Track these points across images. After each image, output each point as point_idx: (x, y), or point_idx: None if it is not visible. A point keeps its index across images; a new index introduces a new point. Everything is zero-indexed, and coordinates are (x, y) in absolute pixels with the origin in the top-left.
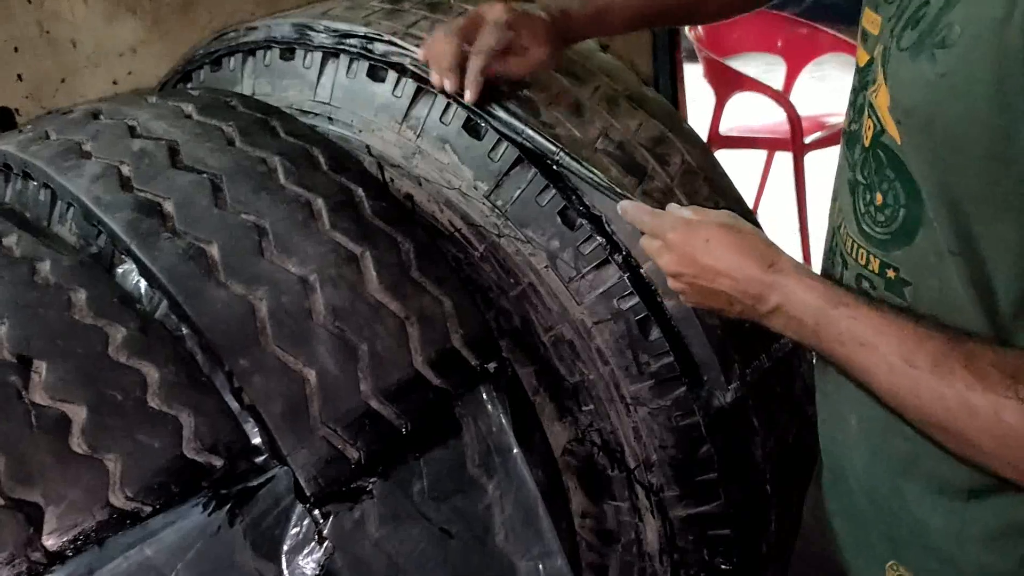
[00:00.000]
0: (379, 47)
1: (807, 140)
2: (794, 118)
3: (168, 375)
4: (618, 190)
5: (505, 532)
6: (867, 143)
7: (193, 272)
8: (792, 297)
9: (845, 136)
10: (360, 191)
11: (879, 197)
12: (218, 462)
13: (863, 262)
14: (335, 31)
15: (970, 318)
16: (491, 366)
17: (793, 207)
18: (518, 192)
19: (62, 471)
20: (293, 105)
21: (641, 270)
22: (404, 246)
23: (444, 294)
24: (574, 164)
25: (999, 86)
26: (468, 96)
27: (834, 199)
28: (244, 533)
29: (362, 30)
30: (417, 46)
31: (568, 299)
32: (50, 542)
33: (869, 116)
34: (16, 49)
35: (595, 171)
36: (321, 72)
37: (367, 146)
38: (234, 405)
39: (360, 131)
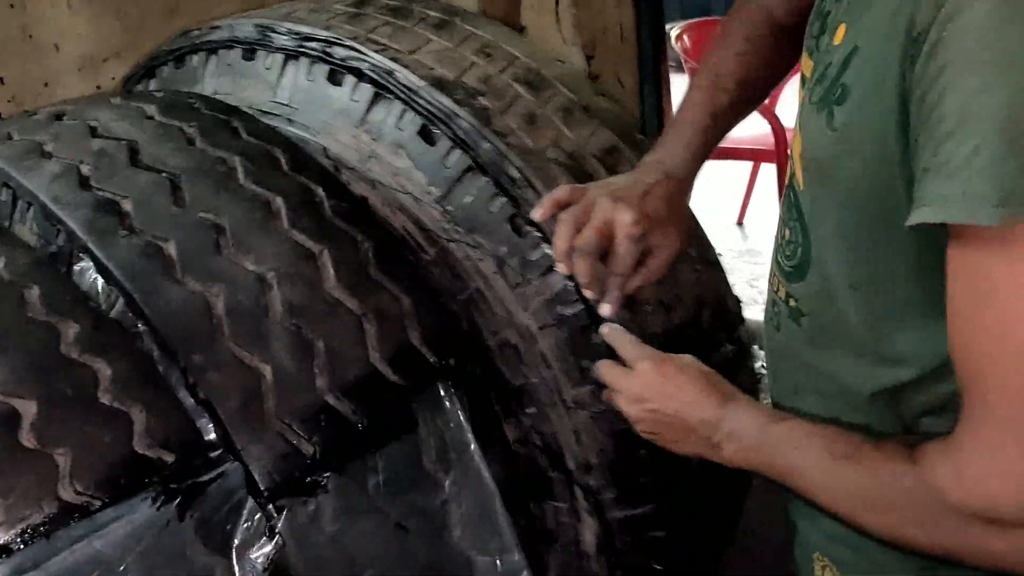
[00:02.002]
0: (339, 51)
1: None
2: (778, 130)
3: (120, 371)
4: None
5: (462, 527)
6: (787, 182)
7: (150, 269)
8: (741, 423)
9: (789, 167)
10: (320, 191)
11: (788, 232)
12: (169, 457)
13: (775, 289)
14: (296, 34)
15: (863, 349)
16: (449, 363)
17: (777, 218)
18: (468, 199)
19: (11, 465)
20: (253, 105)
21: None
22: (363, 245)
23: (403, 292)
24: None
25: (882, 141)
26: (606, 311)
27: (778, 225)
28: (194, 528)
29: (323, 34)
30: (377, 52)
31: (514, 304)
32: None
33: (792, 159)
34: None
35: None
36: (282, 74)
37: (324, 148)
38: (188, 401)
39: (318, 133)
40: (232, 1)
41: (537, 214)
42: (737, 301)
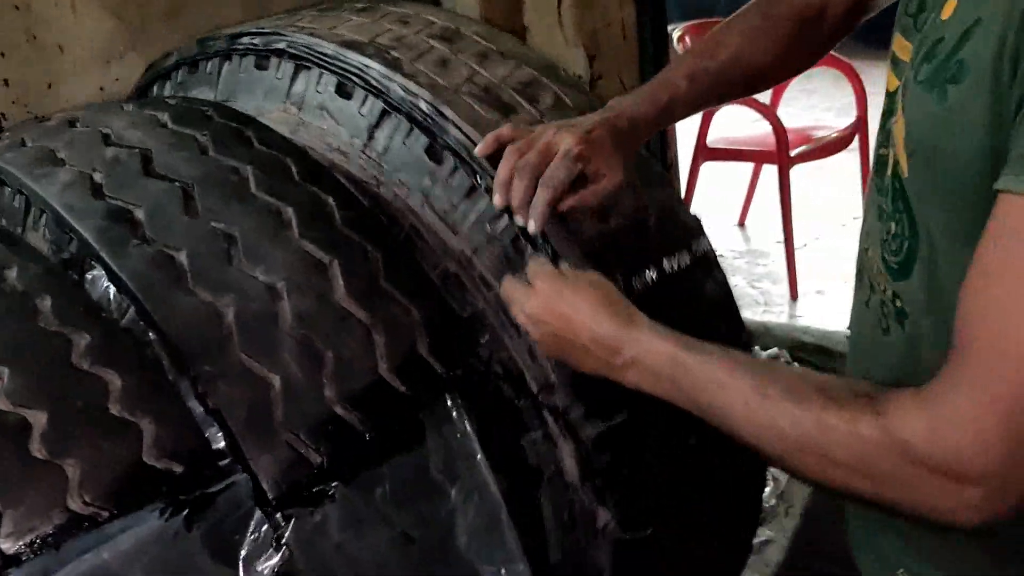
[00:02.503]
0: (260, 40)
1: (793, 153)
2: (780, 131)
3: (131, 382)
4: None
5: (468, 538)
6: (889, 171)
7: (161, 279)
8: (647, 350)
9: (875, 160)
10: (331, 201)
11: (893, 226)
12: (178, 468)
13: (882, 288)
14: (229, 35)
15: None
16: (457, 373)
17: (779, 219)
18: (387, 140)
19: (21, 475)
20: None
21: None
22: (373, 255)
23: (412, 303)
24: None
25: (995, 122)
26: (532, 228)
27: (864, 220)
28: (202, 539)
29: (252, 29)
30: (295, 32)
31: (446, 232)
32: (6, 545)
33: (892, 145)
34: (3, 54)
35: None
36: (219, 73)
37: None
38: (198, 411)
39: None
40: (235, 3)
41: (479, 150)
42: (696, 218)
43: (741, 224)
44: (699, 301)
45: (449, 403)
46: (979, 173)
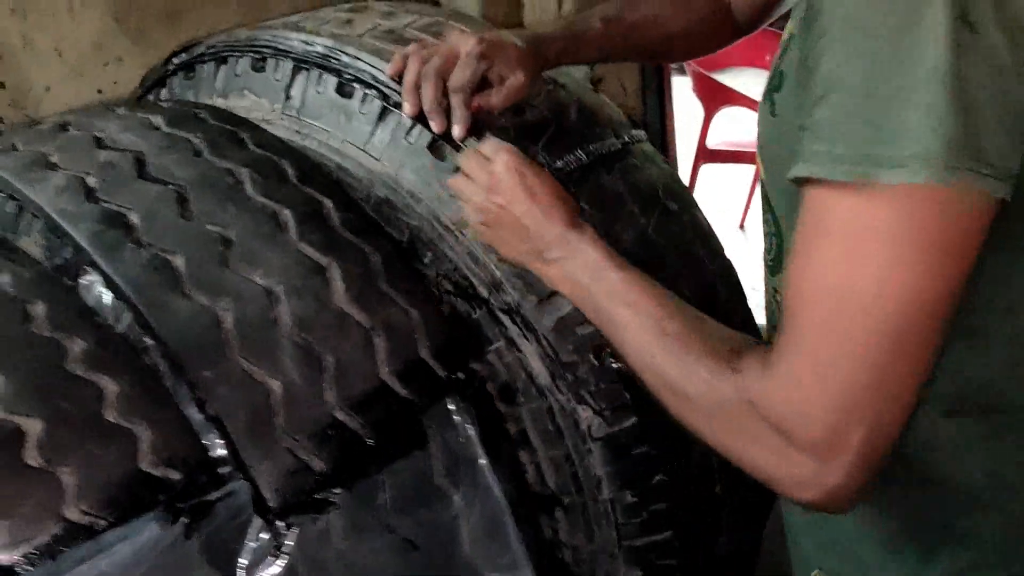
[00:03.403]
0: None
1: None
2: None
3: (126, 388)
4: None
5: (471, 543)
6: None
7: (157, 283)
8: (580, 252)
9: None
10: (328, 203)
11: (764, 227)
12: (176, 475)
13: (767, 285)
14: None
15: None
16: (458, 377)
17: None
18: (302, 94)
19: (15, 484)
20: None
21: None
22: (372, 258)
23: (412, 305)
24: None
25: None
26: (456, 132)
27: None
28: (201, 547)
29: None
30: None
31: (369, 160)
32: (2, 557)
33: None
34: (0, 57)
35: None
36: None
37: None
38: (196, 417)
39: None
40: (232, 6)
41: (389, 69)
42: (621, 112)
43: (741, 227)
44: (636, 187)
45: (451, 406)
46: None
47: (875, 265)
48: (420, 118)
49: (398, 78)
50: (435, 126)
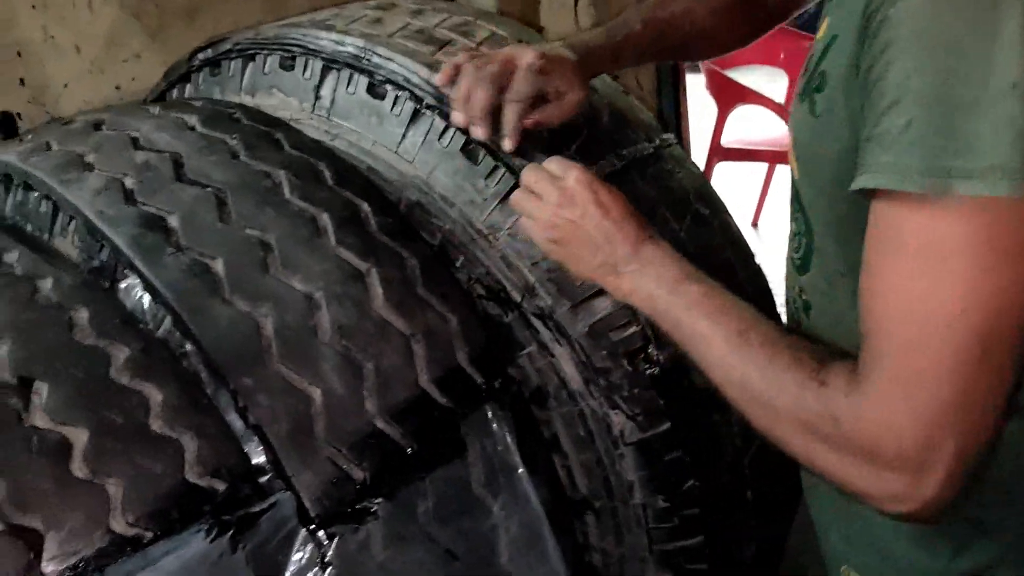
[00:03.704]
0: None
1: None
2: None
3: (170, 397)
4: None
5: (510, 553)
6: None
7: (198, 288)
8: (657, 264)
9: None
10: (365, 206)
11: (793, 225)
12: (220, 486)
13: (793, 285)
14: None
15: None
16: (496, 384)
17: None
18: (332, 94)
19: (62, 496)
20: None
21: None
22: (410, 262)
23: (449, 311)
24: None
25: (854, 123)
26: (507, 145)
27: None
28: (247, 559)
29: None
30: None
31: (401, 163)
32: (50, 569)
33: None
34: (19, 54)
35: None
36: (242, 74)
37: None
38: (237, 425)
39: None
40: (254, 3)
41: (439, 79)
42: (651, 115)
43: (755, 225)
44: (669, 192)
45: (490, 415)
46: (844, 172)
47: (956, 279)
48: (464, 130)
49: (447, 87)
50: (480, 133)
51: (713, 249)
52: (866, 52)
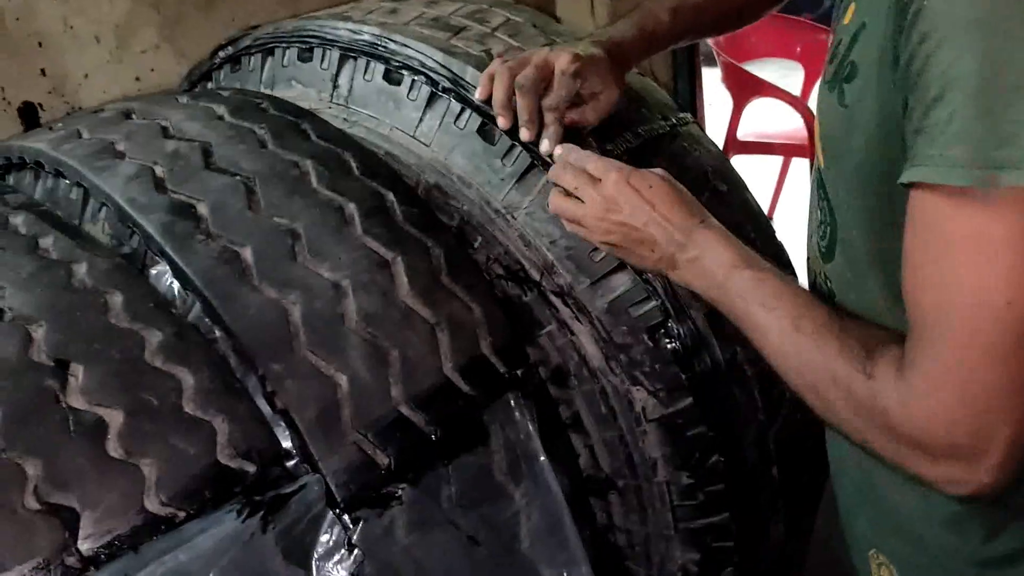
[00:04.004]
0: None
1: None
2: (811, 124)
3: (202, 380)
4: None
5: (531, 540)
6: (815, 161)
7: (227, 275)
8: (710, 250)
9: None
10: (391, 196)
11: (818, 214)
12: (251, 468)
13: (819, 271)
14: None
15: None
16: (519, 373)
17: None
18: (349, 82)
19: (98, 476)
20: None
21: (472, 96)
22: (435, 252)
23: (473, 301)
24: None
25: (886, 115)
26: (545, 147)
27: (809, 208)
28: (276, 540)
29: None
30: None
31: (419, 147)
32: (85, 547)
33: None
34: (40, 44)
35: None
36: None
37: None
38: (266, 410)
39: None
40: None
41: (479, 93)
42: (667, 94)
43: (770, 217)
44: (686, 169)
45: (512, 403)
46: (874, 162)
47: (1005, 271)
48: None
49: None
50: (529, 136)
51: (733, 226)
52: (904, 44)
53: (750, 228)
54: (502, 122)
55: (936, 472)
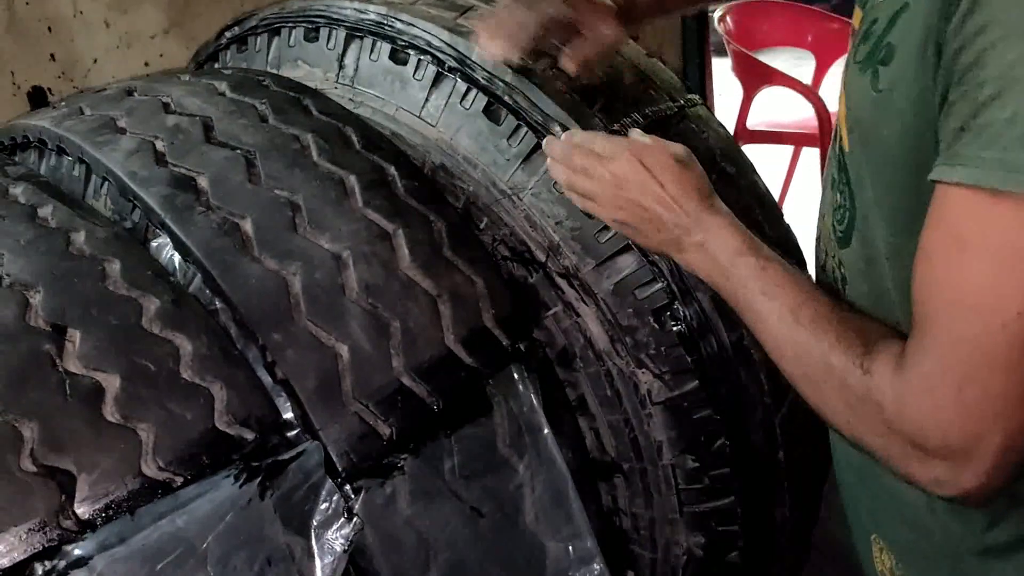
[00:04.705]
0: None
1: None
2: (822, 113)
3: (201, 347)
4: None
5: (535, 512)
6: (837, 143)
7: (227, 246)
8: (716, 236)
9: (834, 130)
10: (392, 169)
11: (838, 196)
12: (249, 435)
13: (831, 254)
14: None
15: (898, 322)
16: (522, 346)
17: (818, 202)
18: (355, 62)
19: (95, 439)
20: None
21: (475, 72)
22: (436, 225)
23: (476, 273)
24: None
25: (924, 103)
26: (567, 65)
27: (822, 187)
28: (274, 507)
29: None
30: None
31: (425, 127)
32: (82, 510)
33: (839, 118)
34: (50, 29)
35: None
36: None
37: None
38: (266, 379)
39: None
40: None
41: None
42: (674, 75)
43: (780, 207)
44: (694, 150)
45: (515, 375)
46: (905, 153)
47: (1020, 281)
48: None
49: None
50: (496, 50)
51: (741, 208)
52: (953, 33)
53: (758, 210)
54: (492, 50)
55: (923, 471)
